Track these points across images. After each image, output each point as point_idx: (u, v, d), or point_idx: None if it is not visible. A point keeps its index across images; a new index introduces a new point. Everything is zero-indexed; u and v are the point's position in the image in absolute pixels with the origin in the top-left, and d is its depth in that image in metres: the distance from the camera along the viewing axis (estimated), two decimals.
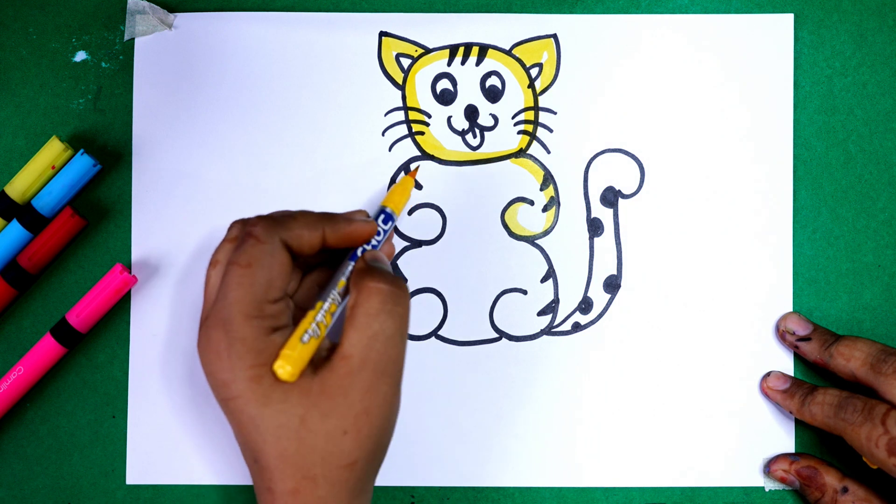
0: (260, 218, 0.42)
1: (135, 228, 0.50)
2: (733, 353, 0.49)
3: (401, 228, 0.50)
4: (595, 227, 0.50)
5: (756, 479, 0.49)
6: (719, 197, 0.50)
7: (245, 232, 0.41)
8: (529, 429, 0.49)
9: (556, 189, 0.50)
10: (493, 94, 0.50)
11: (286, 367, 0.39)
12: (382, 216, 0.46)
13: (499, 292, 0.50)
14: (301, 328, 0.40)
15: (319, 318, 0.40)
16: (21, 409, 0.49)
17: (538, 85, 0.50)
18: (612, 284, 0.50)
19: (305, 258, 0.43)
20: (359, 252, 0.44)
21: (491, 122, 0.50)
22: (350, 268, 0.43)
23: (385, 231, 0.45)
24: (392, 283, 0.41)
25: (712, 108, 0.50)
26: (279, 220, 0.42)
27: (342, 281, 0.42)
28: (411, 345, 0.49)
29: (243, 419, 0.39)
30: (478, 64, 0.50)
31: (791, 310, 0.49)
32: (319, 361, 0.40)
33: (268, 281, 0.40)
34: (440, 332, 0.49)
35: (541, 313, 0.50)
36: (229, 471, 0.49)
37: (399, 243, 0.50)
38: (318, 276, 0.45)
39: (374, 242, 0.44)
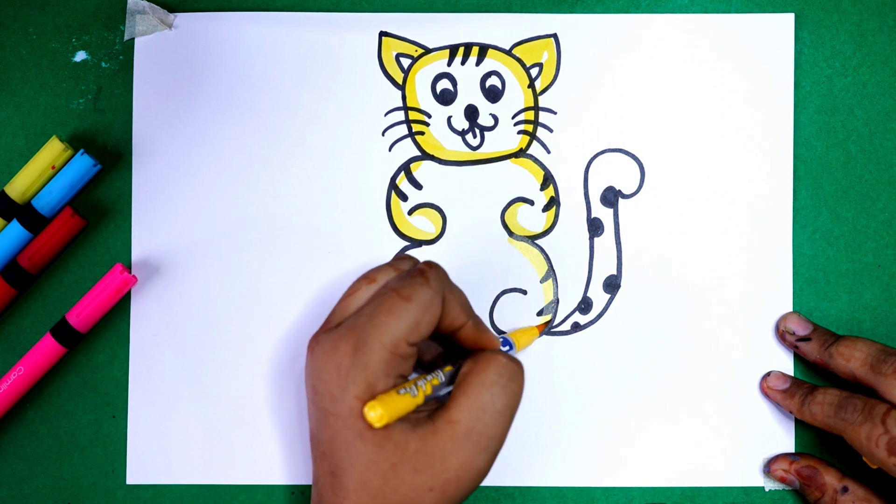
0: (434, 264, 0.42)
1: (135, 228, 0.50)
2: (733, 353, 0.49)
3: (401, 228, 0.50)
4: (595, 227, 0.50)
5: (756, 479, 0.49)
6: (719, 197, 0.50)
7: (417, 268, 0.41)
8: (529, 429, 0.49)
9: (556, 189, 0.50)
10: (493, 94, 0.50)
11: (378, 410, 0.38)
12: (507, 345, 0.47)
13: (499, 292, 0.50)
14: (401, 385, 0.40)
15: (421, 382, 0.40)
16: (21, 409, 0.49)
17: (538, 85, 0.50)
18: (612, 284, 0.50)
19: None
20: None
21: (491, 122, 0.50)
22: (460, 362, 0.43)
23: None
24: (511, 359, 0.41)
25: (712, 108, 0.50)
26: (449, 280, 0.42)
27: (449, 366, 0.42)
28: None
29: (337, 439, 0.39)
30: (478, 64, 0.50)
31: (791, 310, 0.49)
32: (418, 421, 0.40)
33: (417, 322, 0.40)
34: None
35: (540, 313, 0.50)
36: (229, 471, 0.49)
37: (399, 243, 0.50)
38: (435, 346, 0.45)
39: None
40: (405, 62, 0.50)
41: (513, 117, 0.50)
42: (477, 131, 0.50)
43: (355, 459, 0.39)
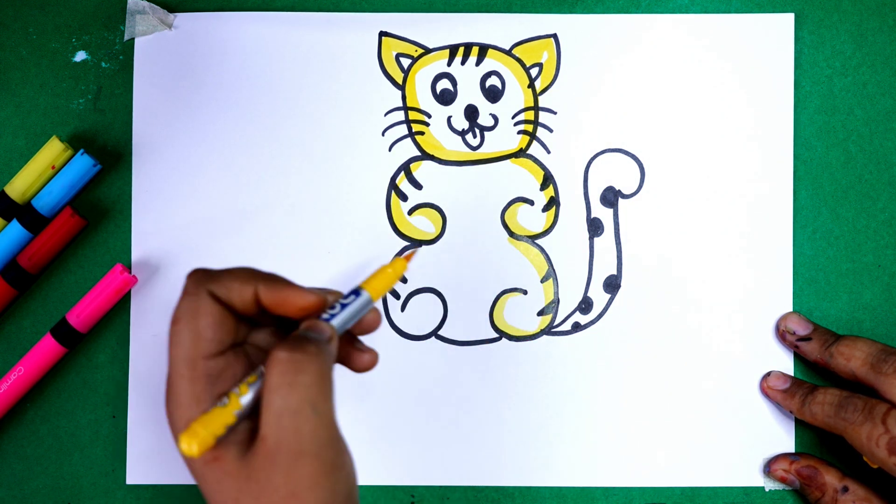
0: (194, 271, 0.39)
1: (135, 228, 0.50)
2: (733, 353, 0.49)
3: (401, 228, 0.50)
4: (595, 227, 0.50)
5: (756, 479, 0.49)
6: (719, 197, 0.50)
7: (183, 287, 0.38)
8: (529, 429, 0.49)
9: (556, 189, 0.50)
10: (493, 94, 0.50)
11: (187, 439, 0.35)
12: (352, 296, 0.39)
13: (499, 292, 0.50)
14: (218, 408, 0.36)
15: (234, 388, 0.36)
16: (21, 409, 0.49)
17: (538, 85, 0.50)
18: (612, 284, 0.50)
19: (250, 315, 0.39)
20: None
21: (491, 122, 0.50)
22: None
23: (344, 306, 0.38)
24: (294, 350, 0.36)
25: (712, 108, 0.50)
26: (208, 273, 0.38)
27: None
28: (412, 345, 0.49)
29: (194, 474, 0.37)
30: (478, 64, 0.50)
31: (791, 310, 0.49)
32: (245, 444, 0.37)
33: (194, 335, 0.37)
34: (440, 332, 0.49)
35: (541, 313, 0.50)
36: None
37: (399, 243, 0.50)
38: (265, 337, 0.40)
39: (326, 315, 0.38)
40: (405, 62, 0.50)
41: (513, 117, 0.50)
42: (477, 131, 0.50)
43: (209, 496, 0.37)
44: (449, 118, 0.50)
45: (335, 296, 0.39)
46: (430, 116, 0.50)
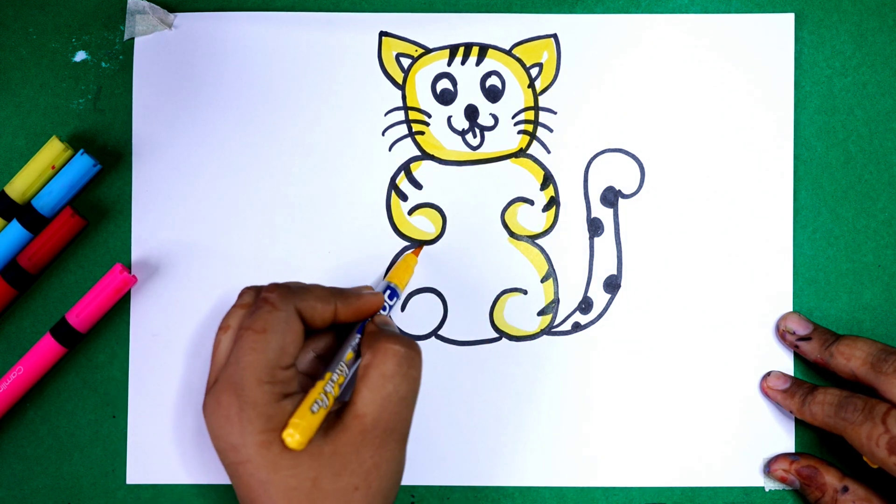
0: (275, 286, 0.43)
1: (135, 228, 0.50)
2: (733, 353, 0.49)
3: (401, 228, 0.50)
4: (595, 227, 0.50)
5: (756, 479, 0.49)
6: (719, 197, 0.50)
7: (260, 298, 0.42)
8: (529, 429, 0.49)
9: (556, 189, 0.50)
10: (493, 94, 0.50)
11: (295, 435, 0.39)
12: (388, 291, 0.47)
13: (499, 292, 0.50)
14: (310, 398, 0.40)
15: (328, 388, 0.41)
16: (21, 409, 0.49)
17: (538, 85, 0.50)
18: (612, 284, 0.50)
19: (314, 329, 0.44)
20: (361, 322, 0.45)
21: (491, 122, 0.50)
22: (357, 340, 0.43)
23: (390, 306, 0.47)
24: (408, 346, 0.42)
25: (712, 108, 0.50)
26: (294, 290, 0.42)
27: (350, 353, 0.43)
28: None
29: (252, 483, 0.40)
30: (478, 64, 0.50)
31: (791, 310, 0.49)
32: (329, 423, 0.41)
33: (281, 347, 0.41)
34: (440, 332, 0.49)
35: (541, 313, 0.50)
36: None
37: (399, 243, 0.50)
38: (316, 343, 0.45)
39: (385, 311, 0.46)
40: (405, 62, 0.50)
41: (513, 117, 0.50)
42: (477, 131, 0.50)
43: (277, 496, 0.39)
44: (449, 118, 0.50)
45: (372, 289, 0.46)
46: (430, 116, 0.50)
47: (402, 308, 0.49)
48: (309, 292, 0.43)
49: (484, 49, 0.50)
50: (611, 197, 0.50)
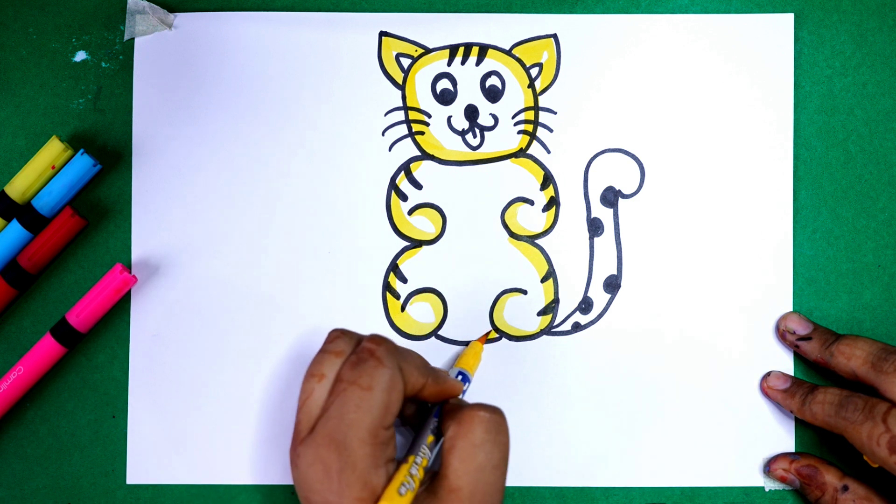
0: (379, 339, 0.41)
1: (135, 228, 0.50)
2: (733, 353, 0.49)
3: (401, 228, 0.50)
4: (595, 227, 0.50)
5: (756, 479, 0.49)
6: (719, 197, 0.50)
7: (364, 349, 0.41)
8: (529, 428, 0.49)
9: (556, 189, 0.50)
10: (493, 94, 0.50)
11: None
12: (460, 377, 0.47)
13: (499, 292, 0.50)
14: (397, 479, 0.39)
15: (413, 471, 0.40)
16: (21, 409, 0.49)
17: (538, 85, 0.50)
18: (612, 284, 0.50)
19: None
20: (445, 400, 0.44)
21: (491, 122, 0.50)
22: (434, 424, 0.43)
23: (464, 391, 0.47)
24: (493, 412, 0.41)
25: (712, 108, 0.50)
26: (398, 350, 0.41)
27: (430, 436, 0.42)
28: (412, 345, 0.49)
29: None
30: (478, 64, 0.50)
31: (791, 310, 0.49)
32: (418, 498, 0.40)
33: (386, 406, 0.39)
34: (440, 332, 0.49)
35: (541, 313, 0.50)
36: (230, 471, 0.49)
37: (399, 243, 0.50)
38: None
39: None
40: (405, 62, 0.50)
41: (513, 117, 0.50)
42: (477, 131, 0.50)
43: None
44: (449, 118, 0.50)
45: (454, 376, 0.46)
46: (430, 116, 0.50)
47: (402, 308, 0.49)
48: (411, 356, 0.42)
49: (484, 49, 0.50)
50: (611, 197, 0.50)
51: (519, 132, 0.50)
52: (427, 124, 0.50)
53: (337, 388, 0.40)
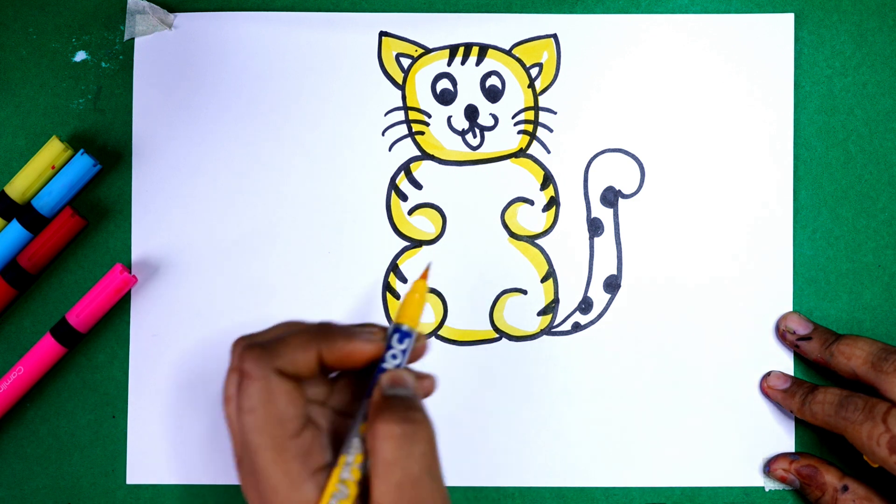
0: (248, 350, 0.37)
1: (135, 228, 0.50)
2: (733, 353, 0.49)
3: (401, 228, 0.50)
4: (595, 227, 0.50)
5: (756, 479, 0.49)
6: (719, 197, 0.50)
7: (235, 370, 0.38)
8: (529, 429, 0.49)
9: (556, 189, 0.50)
10: (493, 94, 0.50)
11: None
12: (397, 335, 0.38)
13: (499, 292, 0.50)
14: (327, 493, 0.36)
15: (345, 475, 0.36)
16: (21, 409, 0.49)
17: (538, 85, 0.50)
18: (612, 284, 0.49)
19: (308, 378, 0.38)
20: (378, 376, 0.38)
21: (491, 122, 0.50)
22: (364, 411, 0.38)
23: (404, 351, 0.38)
24: (403, 422, 0.36)
25: (712, 108, 0.50)
26: (268, 349, 0.37)
27: (362, 425, 0.37)
28: None
29: None
30: (478, 64, 0.50)
31: (791, 310, 0.49)
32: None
33: (278, 419, 0.36)
34: (440, 333, 0.49)
35: (541, 313, 0.50)
36: (229, 471, 0.49)
37: (399, 243, 0.50)
38: (334, 397, 0.40)
39: (391, 363, 0.38)
40: (405, 62, 0.50)
41: (513, 117, 0.50)
42: (477, 131, 0.50)
43: None
44: (449, 118, 0.50)
45: (375, 330, 0.39)
46: (430, 116, 0.50)
47: None
48: (286, 345, 0.37)
49: (484, 49, 0.50)
50: (611, 197, 0.50)
51: (519, 132, 0.50)
52: (427, 124, 0.50)
53: (237, 416, 0.37)
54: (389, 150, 0.50)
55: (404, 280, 0.50)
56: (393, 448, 0.35)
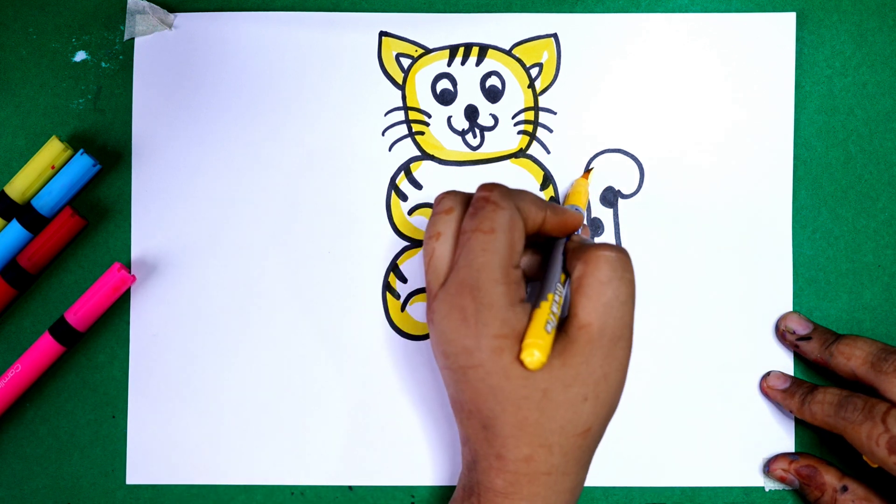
0: (491, 186, 0.42)
1: (134, 228, 0.50)
2: (733, 353, 0.49)
3: (401, 228, 0.50)
4: (595, 228, 0.50)
5: (756, 479, 0.49)
6: (719, 197, 0.50)
7: (480, 198, 0.41)
8: None
9: (556, 189, 0.50)
10: (493, 94, 0.50)
11: (535, 354, 0.38)
12: (575, 209, 0.46)
13: None
14: (542, 317, 0.39)
15: (554, 308, 0.40)
16: (21, 409, 0.49)
17: (538, 85, 0.50)
18: None
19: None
20: (563, 241, 0.44)
21: (491, 122, 0.50)
22: (562, 261, 0.43)
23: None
24: (618, 251, 0.41)
25: (712, 108, 0.50)
26: (515, 192, 0.42)
27: (562, 274, 0.42)
28: (412, 345, 0.49)
29: (482, 388, 0.39)
30: (478, 64, 0.50)
31: (791, 310, 0.49)
32: (555, 337, 0.40)
33: (510, 244, 0.40)
34: None
35: None
36: (229, 471, 0.49)
37: (399, 243, 0.50)
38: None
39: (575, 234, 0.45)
40: (405, 62, 0.50)
41: (513, 117, 0.50)
42: (477, 131, 0.50)
43: (506, 402, 0.39)
44: (449, 118, 0.50)
45: (566, 209, 0.44)
46: (430, 116, 0.50)
47: (402, 308, 0.49)
48: (525, 195, 0.42)
49: (484, 49, 0.50)
50: (610, 197, 0.50)
51: (519, 132, 0.50)
52: (427, 124, 0.50)
53: (461, 240, 0.41)
54: (389, 150, 0.50)
55: (404, 280, 0.50)
56: (609, 269, 0.40)
